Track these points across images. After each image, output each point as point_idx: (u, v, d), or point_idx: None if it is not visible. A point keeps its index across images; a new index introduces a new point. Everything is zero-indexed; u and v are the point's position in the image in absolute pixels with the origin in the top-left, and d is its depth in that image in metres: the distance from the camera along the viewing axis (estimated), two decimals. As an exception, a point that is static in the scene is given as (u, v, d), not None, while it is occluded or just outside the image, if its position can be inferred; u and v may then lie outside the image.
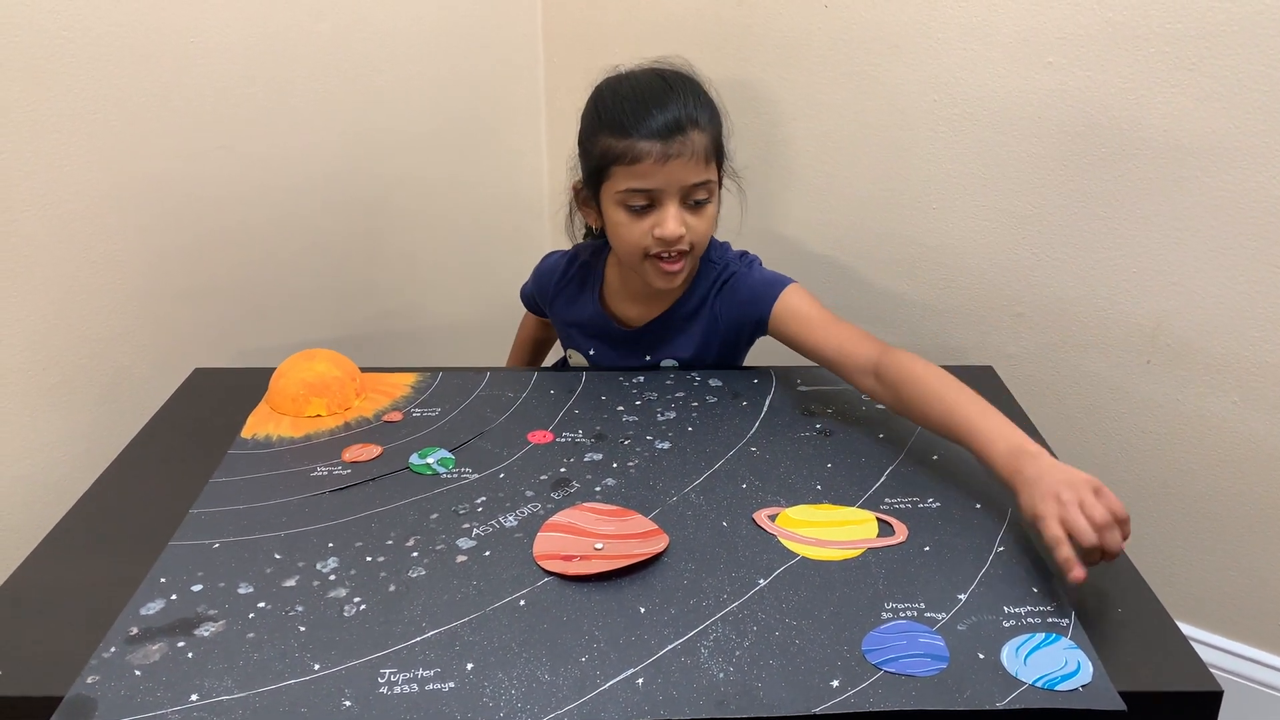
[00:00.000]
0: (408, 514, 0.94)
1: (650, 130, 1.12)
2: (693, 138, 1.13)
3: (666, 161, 1.12)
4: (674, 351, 1.28)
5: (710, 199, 1.17)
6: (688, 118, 1.13)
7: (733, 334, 1.26)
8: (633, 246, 1.17)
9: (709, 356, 1.27)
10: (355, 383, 1.17)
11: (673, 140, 1.12)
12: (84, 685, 0.72)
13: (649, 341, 1.28)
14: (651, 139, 1.11)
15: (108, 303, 1.29)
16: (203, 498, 0.96)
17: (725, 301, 1.25)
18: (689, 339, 1.27)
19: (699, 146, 1.13)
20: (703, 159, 1.14)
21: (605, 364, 1.30)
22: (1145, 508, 1.40)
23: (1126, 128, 1.27)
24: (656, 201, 1.14)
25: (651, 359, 1.28)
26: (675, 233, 1.13)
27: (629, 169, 1.13)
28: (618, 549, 0.87)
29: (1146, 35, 1.22)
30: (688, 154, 1.12)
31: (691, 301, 1.26)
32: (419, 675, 0.74)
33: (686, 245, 1.16)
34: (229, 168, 1.39)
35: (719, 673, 0.74)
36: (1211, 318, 1.28)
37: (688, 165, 1.13)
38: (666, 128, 1.12)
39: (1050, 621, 0.79)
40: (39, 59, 1.17)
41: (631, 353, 1.29)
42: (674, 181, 1.13)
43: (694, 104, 1.15)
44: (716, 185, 1.19)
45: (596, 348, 1.31)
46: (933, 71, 1.38)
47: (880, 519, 0.93)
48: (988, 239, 1.42)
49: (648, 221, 1.15)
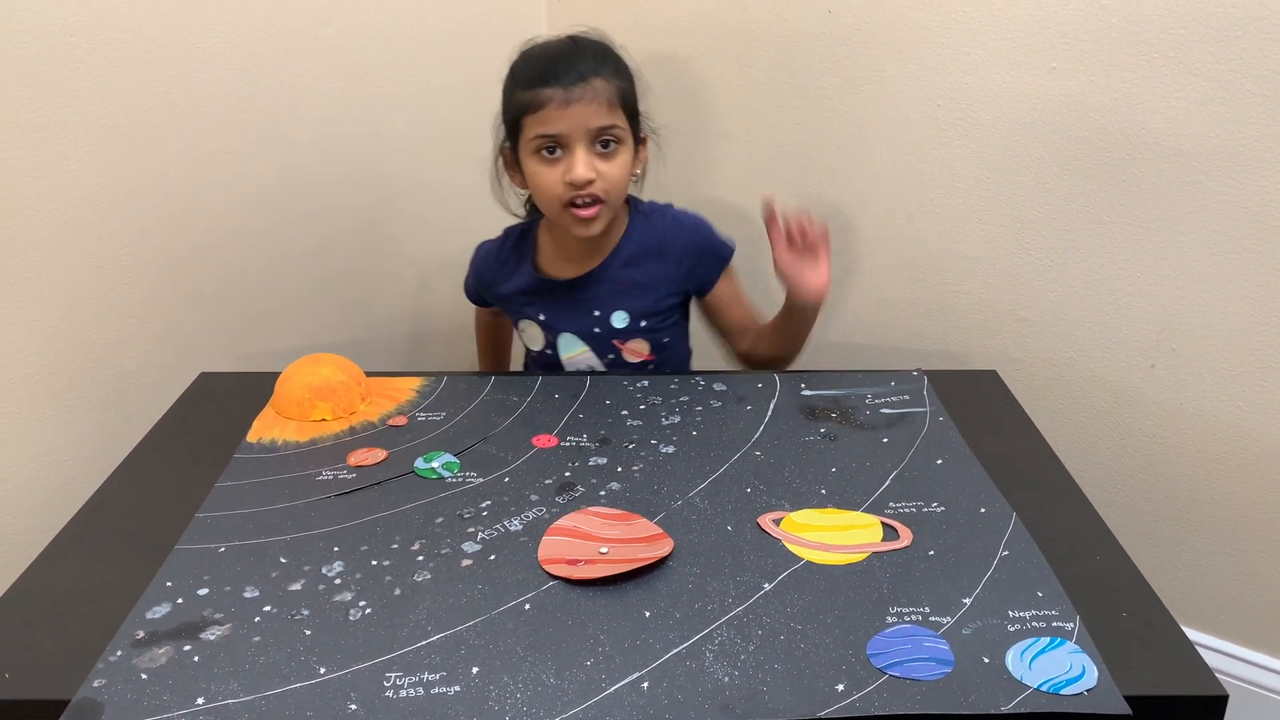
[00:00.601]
0: (413, 518, 0.94)
1: (553, 78, 1.19)
2: (594, 84, 1.20)
3: (569, 105, 1.19)
4: (623, 303, 1.32)
5: (620, 145, 1.23)
6: (590, 68, 1.21)
7: (686, 268, 1.34)
8: (550, 196, 1.23)
9: (660, 305, 1.33)
10: (360, 387, 1.17)
11: (574, 86, 1.19)
12: (90, 689, 0.73)
13: (592, 296, 1.33)
14: (554, 86, 1.19)
15: (113, 307, 1.30)
16: (208, 502, 0.97)
17: (680, 233, 1.34)
18: (636, 287, 1.33)
19: (602, 92, 1.20)
20: (606, 104, 1.21)
21: (559, 327, 1.34)
22: (1150, 512, 1.40)
23: (1130, 132, 1.27)
24: (565, 147, 1.21)
25: (601, 314, 1.32)
26: (583, 176, 1.19)
27: (536, 116, 1.20)
28: (623, 553, 0.87)
29: (1150, 40, 1.22)
30: (589, 97, 1.19)
31: (631, 247, 1.33)
32: (424, 679, 0.74)
33: (600, 191, 1.22)
34: (234, 172, 1.39)
35: (724, 677, 0.74)
36: (1216, 322, 1.28)
37: (590, 108, 1.19)
38: (568, 75, 1.19)
39: (1055, 626, 0.79)
40: (45, 64, 1.17)
41: (579, 310, 1.33)
42: (578, 125, 1.19)
43: (598, 57, 1.23)
44: (627, 134, 1.25)
45: (545, 311, 1.34)
46: (936, 77, 1.39)
47: (885, 523, 0.93)
48: (991, 244, 1.42)
49: (560, 168, 1.21)
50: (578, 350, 1.35)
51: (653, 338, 1.35)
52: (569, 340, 1.34)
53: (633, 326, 1.33)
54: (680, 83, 1.61)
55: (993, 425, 1.13)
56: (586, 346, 1.34)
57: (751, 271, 1.45)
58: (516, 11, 1.52)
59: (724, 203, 1.64)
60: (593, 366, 1.35)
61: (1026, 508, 0.96)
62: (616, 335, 1.33)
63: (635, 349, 1.35)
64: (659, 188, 1.67)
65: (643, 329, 1.34)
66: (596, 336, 1.33)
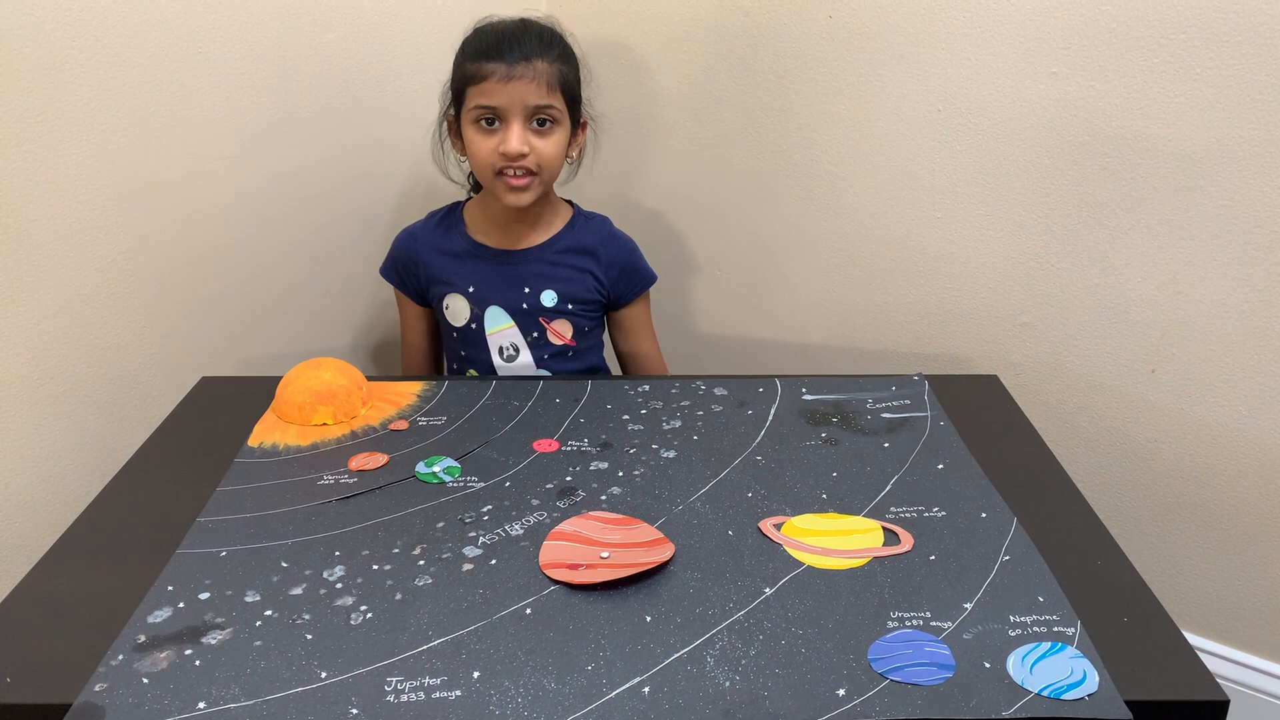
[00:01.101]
0: (414, 522, 0.94)
1: (498, 54, 1.25)
2: (537, 64, 1.25)
3: (510, 81, 1.24)
4: (553, 285, 1.37)
5: (555, 125, 1.29)
6: (534, 49, 1.26)
7: (611, 276, 1.40)
8: (484, 163, 1.28)
9: (586, 295, 1.39)
10: (361, 391, 1.17)
11: (517, 64, 1.24)
12: (92, 693, 0.73)
13: (524, 273, 1.37)
14: (498, 61, 1.25)
15: (114, 311, 1.30)
16: (210, 506, 0.97)
17: (613, 245, 1.41)
18: (566, 276, 1.38)
19: (543, 74, 1.26)
20: (546, 85, 1.26)
21: (488, 300, 1.37)
22: (1151, 516, 1.40)
23: (1130, 137, 1.27)
24: (503, 120, 1.26)
25: (530, 291, 1.37)
26: (516, 149, 1.25)
27: (478, 88, 1.26)
28: (624, 558, 0.87)
29: (1150, 44, 1.22)
30: (530, 76, 1.25)
31: (567, 241, 1.39)
32: (425, 684, 0.74)
33: (533, 164, 1.27)
34: (236, 177, 1.39)
35: (725, 681, 0.74)
36: (1217, 326, 1.28)
37: (530, 86, 1.25)
38: (513, 53, 1.25)
39: (1056, 630, 0.79)
40: (47, 67, 1.17)
41: (509, 285, 1.37)
42: (517, 100, 1.25)
43: (544, 40, 1.28)
44: (564, 116, 1.30)
45: (474, 282, 1.37)
46: (937, 81, 1.39)
47: (886, 528, 0.93)
48: (992, 248, 1.42)
49: (495, 139, 1.27)
50: (503, 325, 1.38)
51: (576, 322, 1.39)
52: (496, 314, 1.37)
53: (560, 307, 1.38)
54: (680, 86, 1.62)
55: (994, 430, 1.13)
56: (513, 322, 1.38)
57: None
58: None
59: (723, 205, 1.64)
60: (515, 344, 1.38)
61: (1027, 512, 0.96)
62: (543, 313, 1.38)
63: (559, 330, 1.39)
64: (656, 188, 1.68)
65: (569, 311, 1.38)
66: (524, 313, 1.37)
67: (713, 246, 1.68)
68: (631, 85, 1.44)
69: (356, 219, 1.57)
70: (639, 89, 1.54)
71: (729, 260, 1.67)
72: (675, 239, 1.71)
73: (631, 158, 1.63)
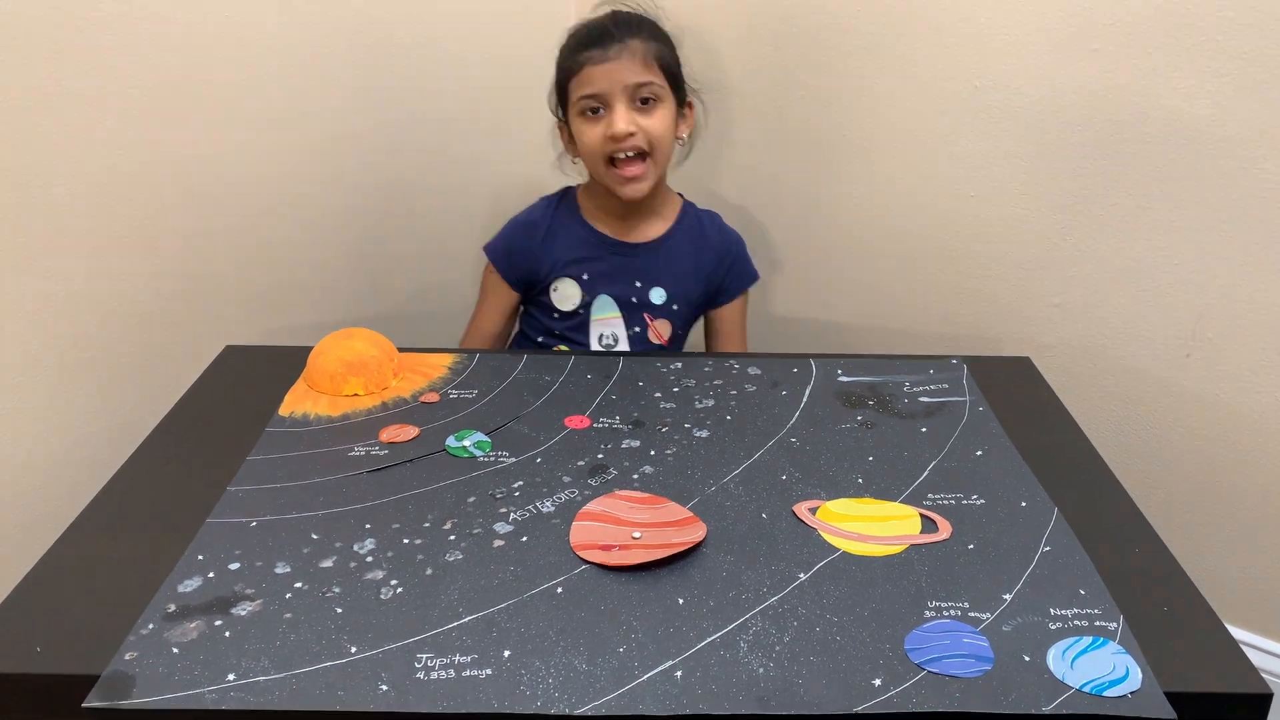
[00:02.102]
0: (445, 496, 0.93)
1: (591, 42, 1.28)
2: (631, 44, 1.27)
3: (605, 63, 1.26)
4: (663, 281, 1.39)
5: (659, 103, 1.30)
6: (626, 31, 1.28)
7: (721, 271, 1.43)
8: (594, 153, 1.30)
9: (691, 296, 1.41)
10: (393, 363, 1.16)
11: (610, 46, 1.27)
12: (122, 662, 0.72)
13: (640, 266, 1.39)
14: (592, 49, 1.27)
15: (139, 280, 1.29)
16: (240, 475, 0.96)
17: (725, 238, 1.44)
18: (680, 271, 1.39)
19: (638, 52, 1.27)
20: (642, 62, 1.27)
21: (599, 289, 1.38)
22: (1185, 504, 1.38)
23: (1172, 117, 1.24)
24: (607, 105, 1.28)
25: (642, 286, 1.38)
26: (622, 128, 1.26)
27: (578, 78, 1.29)
28: (656, 537, 0.86)
29: (1196, 22, 1.19)
30: (626, 56, 1.27)
31: (683, 233, 1.41)
32: (456, 661, 0.73)
33: (642, 143, 1.28)
34: (261, 145, 1.38)
35: (759, 668, 0.73)
36: (1254, 311, 1.25)
37: (627, 66, 1.27)
38: (605, 37, 1.28)
39: (1098, 625, 0.78)
40: (74, 35, 1.16)
41: (623, 277, 1.38)
42: (616, 81, 1.27)
43: (634, 22, 1.31)
44: (667, 92, 1.31)
45: (590, 269, 1.38)
46: (974, 57, 1.36)
47: (923, 515, 0.91)
48: (1027, 228, 1.40)
49: (602, 124, 1.28)
50: (610, 314, 1.38)
51: (675, 323, 1.40)
52: (604, 302, 1.38)
53: (666, 306, 1.38)
54: (712, 62, 1.59)
55: (1027, 413, 1.11)
56: (619, 313, 1.38)
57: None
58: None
59: (752, 183, 1.62)
60: (615, 334, 1.38)
61: (1063, 499, 0.94)
62: (650, 309, 1.38)
63: (659, 329, 1.39)
64: (686, 166, 1.65)
65: (674, 311, 1.39)
66: (632, 306, 1.38)
67: (742, 225, 1.66)
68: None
69: (380, 189, 1.56)
70: (678, 51, 1.52)
71: (758, 238, 1.65)
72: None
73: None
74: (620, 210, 1.38)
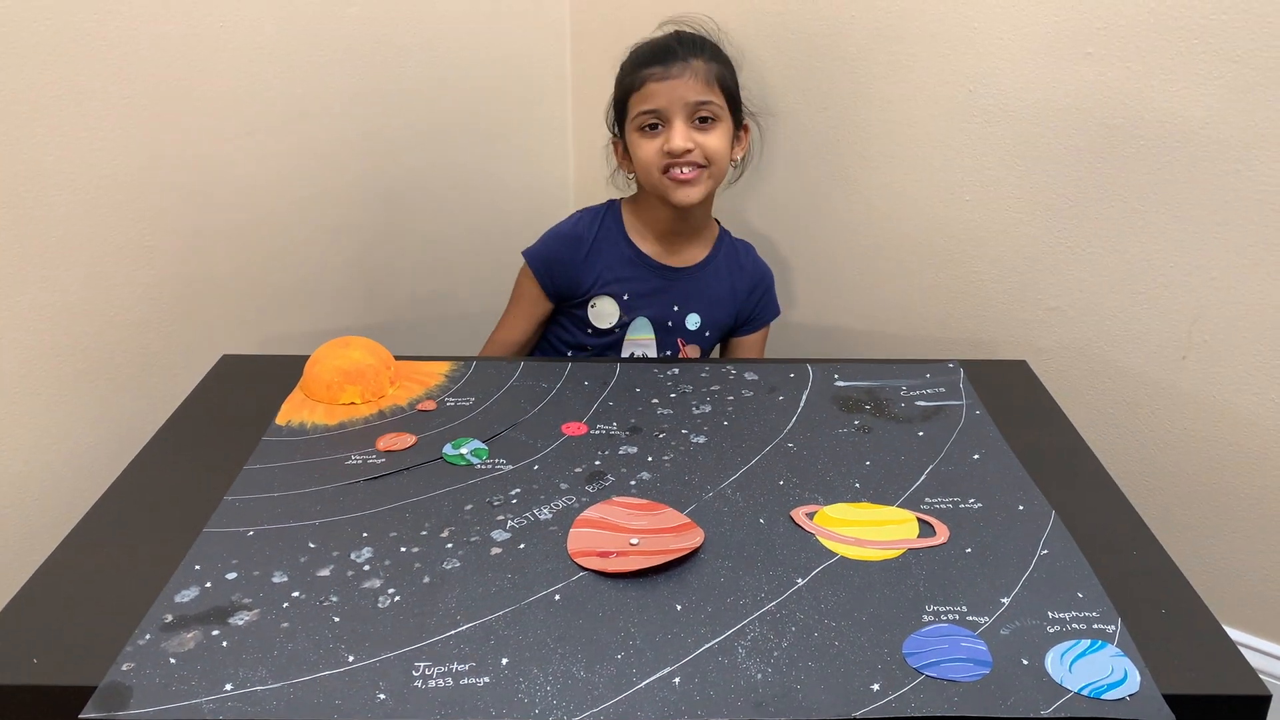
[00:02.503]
0: (442, 504, 0.93)
1: (655, 59, 1.29)
2: (693, 64, 1.28)
3: (667, 80, 1.27)
4: (699, 307, 1.40)
5: (717, 122, 1.30)
6: (689, 51, 1.29)
7: (753, 300, 1.44)
8: (650, 164, 1.30)
9: (721, 322, 1.42)
10: (390, 371, 1.16)
11: (673, 64, 1.28)
12: (119, 672, 0.72)
13: (679, 290, 1.39)
14: (654, 66, 1.28)
15: (135, 288, 1.29)
16: (237, 484, 0.96)
17: (758, 268, 1.45)
18: (715, 298, 1.41)
19: (700, 71, 1.28)
20: (704, 82, 1.28)
21: (638, 310, 1.38)
22: (1181, 506, 1.37)
23: (1166, 120, 1.24)
24: (665, 121, 1.29)
25: (679, 310, 1.39)
26: (680, 145, 1.27)
27: (639, 94, 1.29)
28: (654, 544, 0.86)
29: (1189, 26, 1.19)
30: (688, 75, 1.27)
31: (720, 259, 1.42)
32: (453, 669, 0.73)
33: (699, 159, 1.29)
34: (257, 153, 1.38)
35: (757, 673, 0.73)
36: (1250, 314, 1.25)
37: (689, 84, 1.27)
38: (668, 55, 1.29)
39: (1096, 628, 0.78)
40: (68, 45, 1.16)
41: (662, 300, 1.38)
42: (677, 99, 1.27)
43: (697, 43, 1.31)
44: (725, 112, 1.31)
45: (631, 290, 1.38)
46: (969, 61, 1.36)
47: (921, 519, 0.91)
48: (1022, 231, 1.40)
49: (659, 140, 1.29)
50: (644, 335, 1.38)
51: (704, 348, 1.41)
52: (641, 323, 1.38)
53: (699, 332, 1.40)
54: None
55: (1024, 416, 1.12)
56: (654, 335, 1.38)
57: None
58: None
59: (749, 187, 1.62)
60: (646, 354, 1.39)
61: (1060, 502, 0.94)
62: (683, 334, 1.39)
63: (689, 354, 1.41)
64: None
65: (705, 338, 1.40)
66: (668, 330, 1.38)
67: (739, 228, 1.66)
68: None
69: (376, 196, 1.56)
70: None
71: (755, 242, 1.65)
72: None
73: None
74: (665, 229, 1.38)
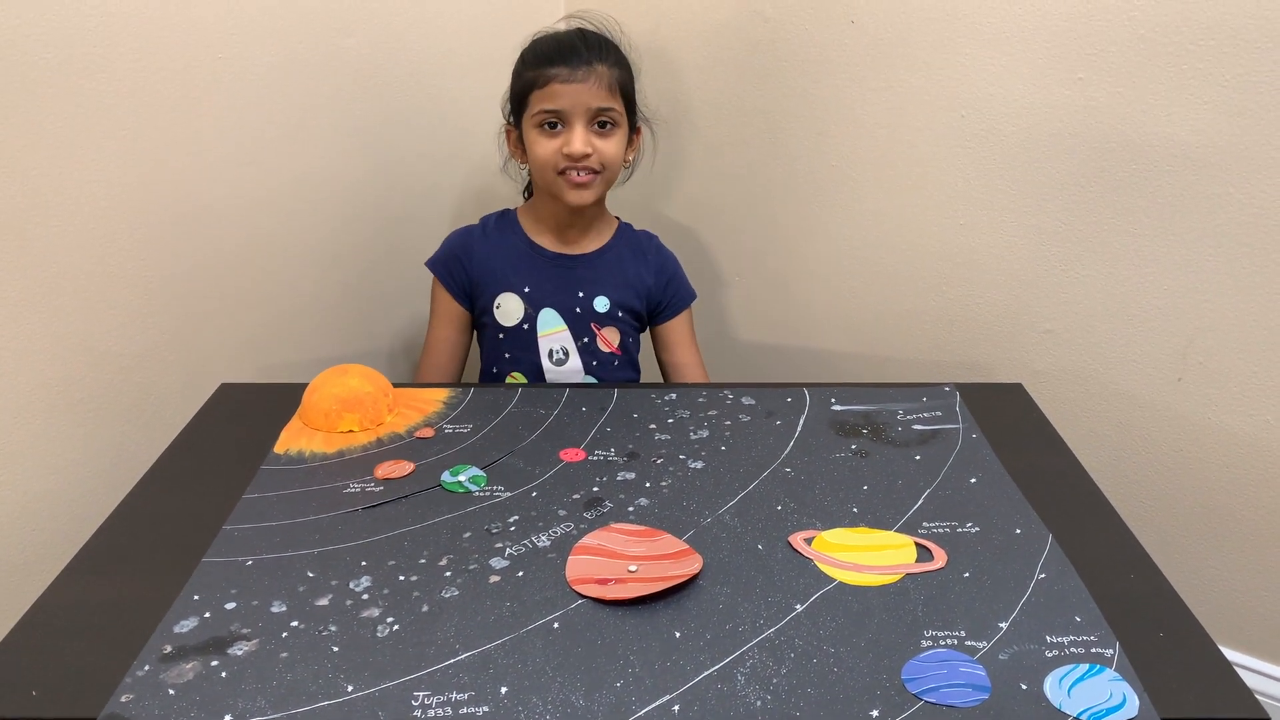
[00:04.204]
0: (440, 532, 0.93)
1: (561, 60, 1.29)
2: (598, 69, 1.29)
3: (572, 83, 1.28)
4: (606, 290, 1.40)
5: (615, 128, 1.33)
6: (595, 55, 1.30)
7: (659, 286, 1.45)
8: (546, 164, 1.32)
9: (634, 303, 1.42)
10: (387, 398, 1.16)
11: (578, 68, 1.29)
12: (118, 704, 0.72)
13: (579, 277, 1.40)
14: (560, 66, 1.29)
15: (133, 318, 1.29)
16: (236, 514, 0.96)
17: (661, 256, 1.46)
18: (620, 280, 1.41)
19: (604, 78, 1.30)
20: (607, 89, 1.30)
21: (543, 301, 1.39)
22: (1177, 528, 1.38)
23: (1157, 143, 1.25)
24: (565, 123, 1.30)
25: (585, 295, 1.39)
26: (580, 149, 1.29)
27: (541, 92, 1.30)
28: (652, 571, 0.86)
29: (1178, 50, 1.21)
30: (592, 81, 1.29)
31: (619, 247, 1.43)
32: (453, 698, 0.73)
33: (596, 164, 1.31)
34: (254, 182, 1.39)
35: (756, 700, 0.73)
36: (1244, 335, 1.26)
37: (592, 90, 1.29)
38: (574, 57, 1.29)
39: (1094, 652, 0.78)
40: (66, 74, 1.16)
41: (564, 287, 1.39)
42: (580, 103, 1.29)
43: (603, 46, 1.33)
44: (623, 119, 1.34)
45: (530, 283, 1.39)
46: (960, 87, 1.37)
47: (919, 544, 0.91)
48: (1016, 254, 1.41)
49: (559, 141, 1.30)
50: (556, 328, 1.39)
51: (623, 330, 1.41)
52: (549, 316, 1.39)
53: (611, 313, 1.40)
54: (701, 92, 1.61)
55: (1020, 440, 1.12)
56: (565, 325, 1.39)
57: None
58: (536, 25, 1.52)
59: (744, 211, 1.63)
60: (565, 348, 1.39)
61: (1057, 525, 0.94)
62: (595, 319, 1.39)
63: (608, 337, 1.40)
64: (677, 193, 1.67)
65: (618, 319, 1.40)
66: (577, 317, 1.39)
67: (734, 252, 1.67)
68: (651, 92, 1.43)
69: (374, 224, 1.56)
70: (659, 95, 1.53)
71: (750, 266, 1.66)
72: (696, 245, 1.70)
73: (651, 164, 1.62)
74: (560, 223, 1.40)
